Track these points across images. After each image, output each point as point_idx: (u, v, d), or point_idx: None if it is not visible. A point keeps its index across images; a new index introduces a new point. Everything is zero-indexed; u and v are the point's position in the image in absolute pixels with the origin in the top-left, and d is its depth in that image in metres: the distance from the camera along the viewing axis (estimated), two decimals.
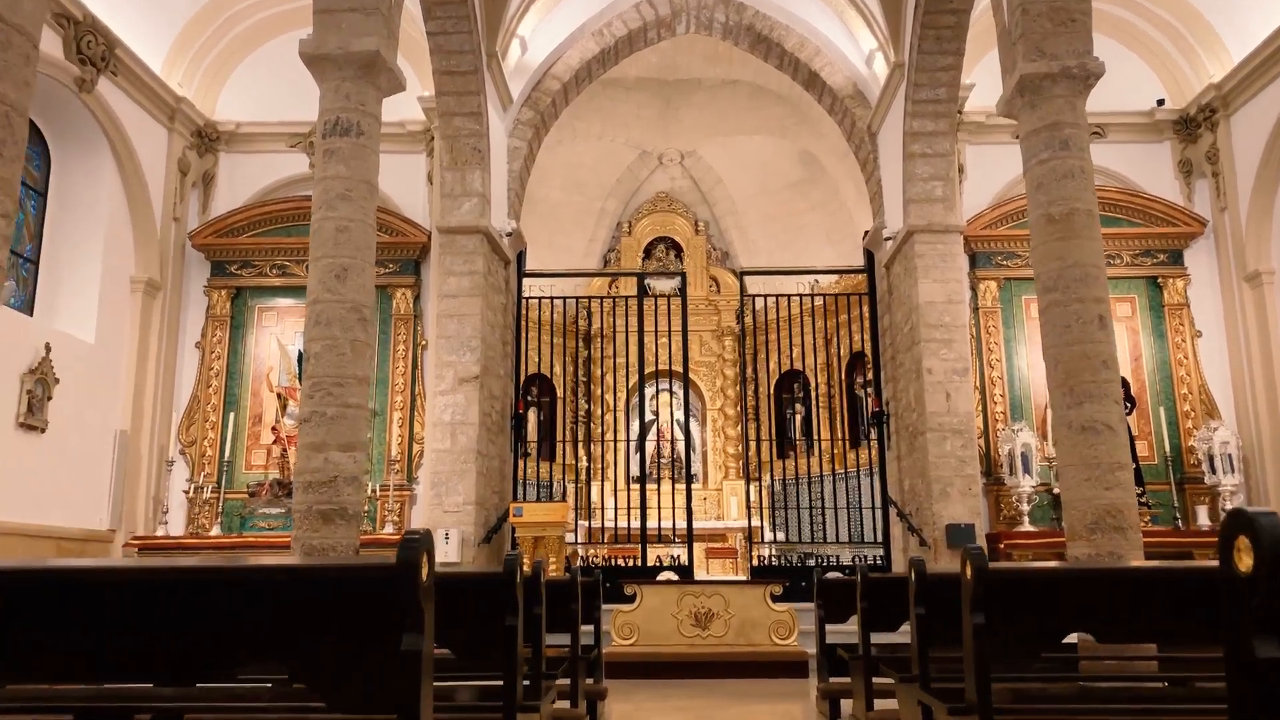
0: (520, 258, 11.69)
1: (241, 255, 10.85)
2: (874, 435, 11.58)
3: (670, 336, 11.88)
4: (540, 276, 11.94)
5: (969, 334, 10.18)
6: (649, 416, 15.72)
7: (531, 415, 15.56)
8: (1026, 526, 9.76)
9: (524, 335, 11.69)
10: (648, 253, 17.30)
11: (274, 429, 10.45)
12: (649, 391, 15.65)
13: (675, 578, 10.11)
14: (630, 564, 10.69)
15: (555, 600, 5.43)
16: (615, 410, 14.20)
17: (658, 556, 11.15)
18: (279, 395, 10.49)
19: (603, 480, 13.08)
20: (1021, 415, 10.40)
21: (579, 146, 16.43)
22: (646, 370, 13.98)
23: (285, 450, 10.12)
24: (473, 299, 10.12)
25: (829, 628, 6.29)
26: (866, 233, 11.77)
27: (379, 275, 10.85)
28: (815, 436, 14.47)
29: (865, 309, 11.95)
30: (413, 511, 10.28)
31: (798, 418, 15.94)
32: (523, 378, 11.66)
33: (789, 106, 15.41)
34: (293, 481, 6.48)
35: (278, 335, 10.70)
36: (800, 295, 11.89)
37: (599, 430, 15.19)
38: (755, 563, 10.83)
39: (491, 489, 10.32)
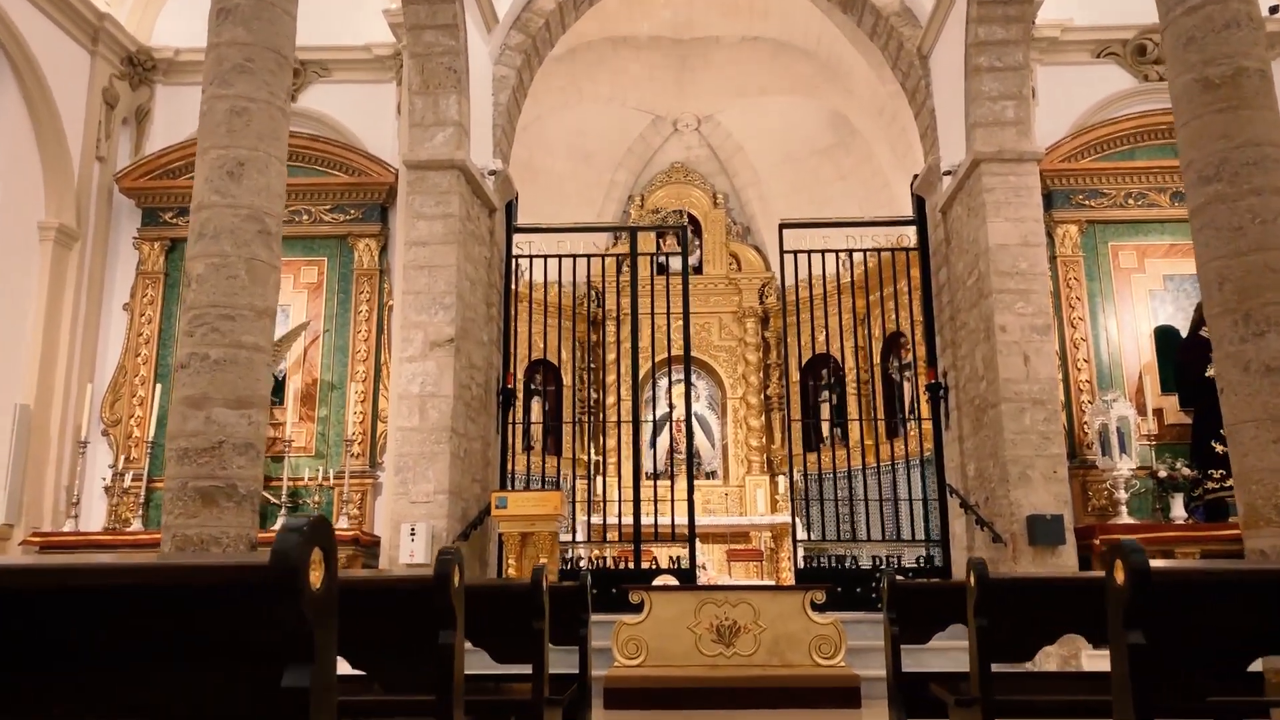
0: (510, 209, 9.97)
1: (178, 201, 9.14)
2: (927, 414, 9.77)
3: (670, 318, 10.13)
4: (531, 231, 10.19)
5: (1048, 285, 8.34)
6: (660, 404, 14.05)
7: (535, 405, 13.99)
8: (1125, 519, 7.91)
9: (515, 300, 9.98)
10: (660, 229, 15.63)
11: None
12: (664, 383, 14.00)
13: (674, 582, 8.39)
14: (626, 566, 8.95)
15: (515, 615, 3.77)
16: (622, 398, 12.46)
17: (654, 557, 9.41)
18: None
19: (607, 475, 11.32)
20: (1111, 384, 8.57)
21: (586, 111, 14.77)
22: (660, 357, 12.31)
23: None
24: (447, 247, 8.39)
25: (904, 649, 4.53)
26: (916, 176, 9.98)
27: (338, 223, 9.28)
28: (857, 419, 12.65)
29: (904, 283, 10.14)
30: (376, 503, 8.57)
31: (828, 405, 14.20)
32: (514, 351, 9.90)
33: (817, 63, 13.68)
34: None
35: None
36: (851, 250, 10.02)
37: (606, 420, 13.50)
38: (800, 564, 9.01)
39: (471, 476, 8.59)
